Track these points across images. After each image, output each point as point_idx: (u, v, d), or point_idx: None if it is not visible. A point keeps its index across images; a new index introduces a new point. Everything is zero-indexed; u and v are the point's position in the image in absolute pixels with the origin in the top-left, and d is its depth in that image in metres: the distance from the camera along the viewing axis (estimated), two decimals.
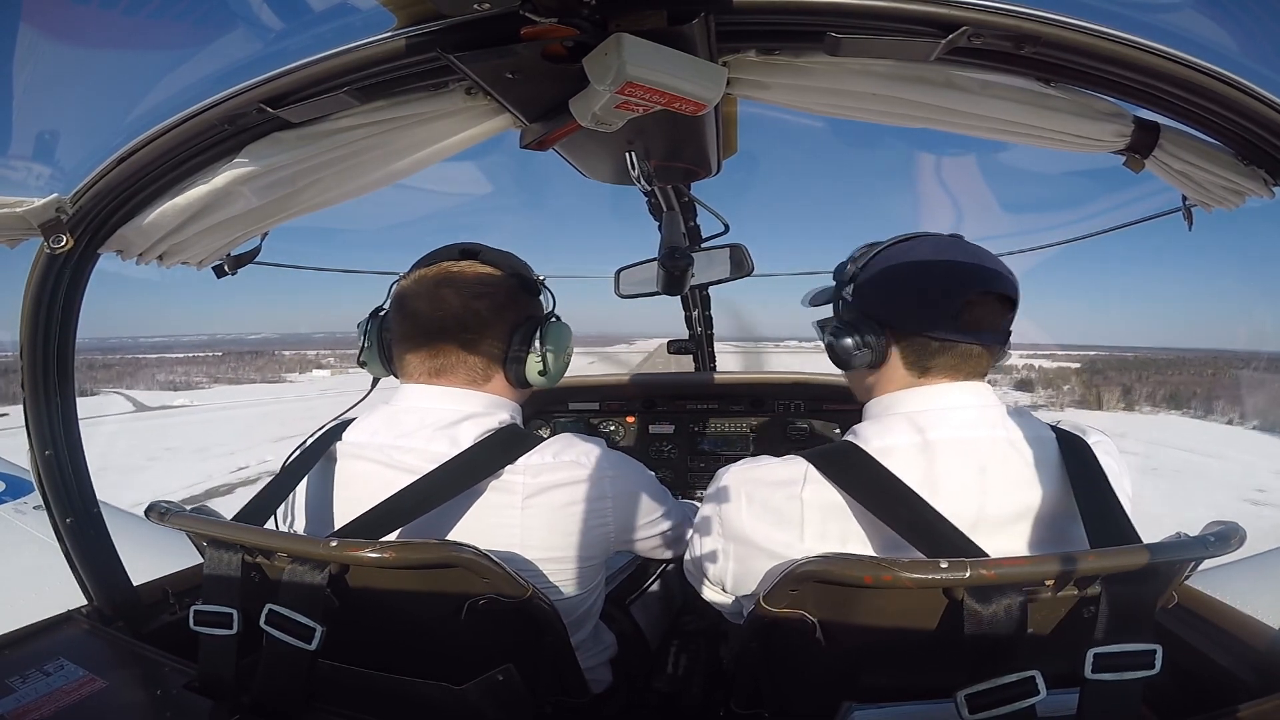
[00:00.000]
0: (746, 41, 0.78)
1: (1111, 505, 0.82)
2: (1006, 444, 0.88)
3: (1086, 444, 0.90)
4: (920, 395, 0.94)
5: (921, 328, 0.93)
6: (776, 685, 0.95)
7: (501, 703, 0.90)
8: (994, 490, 0.86)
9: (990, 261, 0.95)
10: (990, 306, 0.93)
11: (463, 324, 1.03)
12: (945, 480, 0.85)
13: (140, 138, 0.85)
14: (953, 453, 0.87)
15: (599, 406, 2.41)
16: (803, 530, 0.89)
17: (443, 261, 1.05)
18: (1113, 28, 0.68)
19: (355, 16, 0.75)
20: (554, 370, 1.08)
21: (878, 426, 0.94)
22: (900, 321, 0.96)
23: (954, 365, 0.94)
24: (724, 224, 1.95)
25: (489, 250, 1.08)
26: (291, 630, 0.83)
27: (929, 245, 0.98)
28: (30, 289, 0.96)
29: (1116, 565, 0.71)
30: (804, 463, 0.91)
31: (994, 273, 0.93)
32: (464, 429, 0.99)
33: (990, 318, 0.94)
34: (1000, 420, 0.90)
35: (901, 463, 0.86)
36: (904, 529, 0.81)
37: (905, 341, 0.96)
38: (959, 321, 0.91)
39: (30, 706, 0.86)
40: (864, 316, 0.99)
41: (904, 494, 0.84)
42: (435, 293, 1.02)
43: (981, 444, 0.88)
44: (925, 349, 0.94)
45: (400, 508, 0.90)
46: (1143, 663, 0.69)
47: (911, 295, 0.95)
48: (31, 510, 2.30)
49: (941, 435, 0.88)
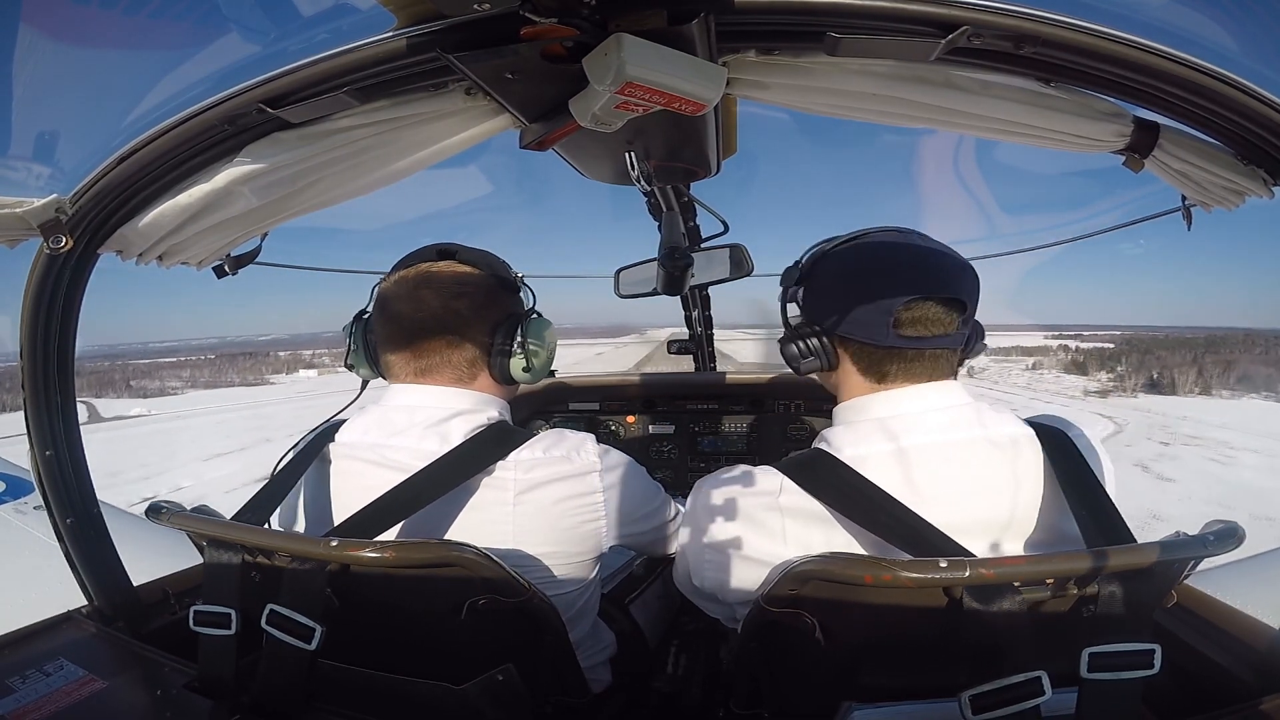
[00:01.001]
0: (746, 41, 0.78)
1: (1102, 500, 0.82)
2: (986, 444, 0.87)
3: (1068, 438, 0.89)
4: (887, 400, 0.92)
5: (862, 335, 0.92)
6: (776, 685, 0.95)
7: (501, 702, 0.90)
8: (979, 492, 0.85)
9: (934, 261, 0.91)
10: (930, 311, 0.89)
11: (443, 324, 1.03)
12: (927, 487, 0.85)
13: (140, 138, 0.86)
14: (931, 458, 0.86)
15: (599, 406, 2.41)
16: (784, 537, 0.88)
17: (420, 263, 1.06)
18: (1113, 28, 0.68)
19: (355, 16, 0.75)
20: (537, 366, 1.09)
21: (850, 434, 0.92)
22: (841, 328, 0.94)
23: (907, 370, 0.92)
24: (724, 224, 1.95)
25: (466, 250, 1.09)
26: (292, 630, 0.83)
27: (867, 248, 0.95)
28: (30, 289, 0.96)
29: (1116, 564, 0.71)
30: (778, 474, 0.91)
31: (934, 276, 0.90)
32: (453, 426, 0.99)
33: (934, 322, 0.90)
34: (976, 419, 0.89)
35: (878, 471, 0.85)
36: (888, 535, 0.80)
37: (852, 348, 0.94)
38: (897, 329, 0.89)
39: (30, 707, 0.86)
40: (808, 321, 0.98)
41: (883, 501, 0.83)
42: (415, 294, 1.03)
43: (960, 446, 0.87)
44: (873, 355, 0.92)
45: (393, 505, 0.91)
46: (1141, 662, 0.69)
47: (848, 303, 0.93)
48: (31, 510, 2.30)
49: (916, 441, 0.87)
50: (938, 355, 0.92)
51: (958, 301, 0.90)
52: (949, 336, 0.91)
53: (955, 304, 0.90)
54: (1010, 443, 0.87)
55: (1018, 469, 0.86)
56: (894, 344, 0.90)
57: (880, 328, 0.89)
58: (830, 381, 1.02)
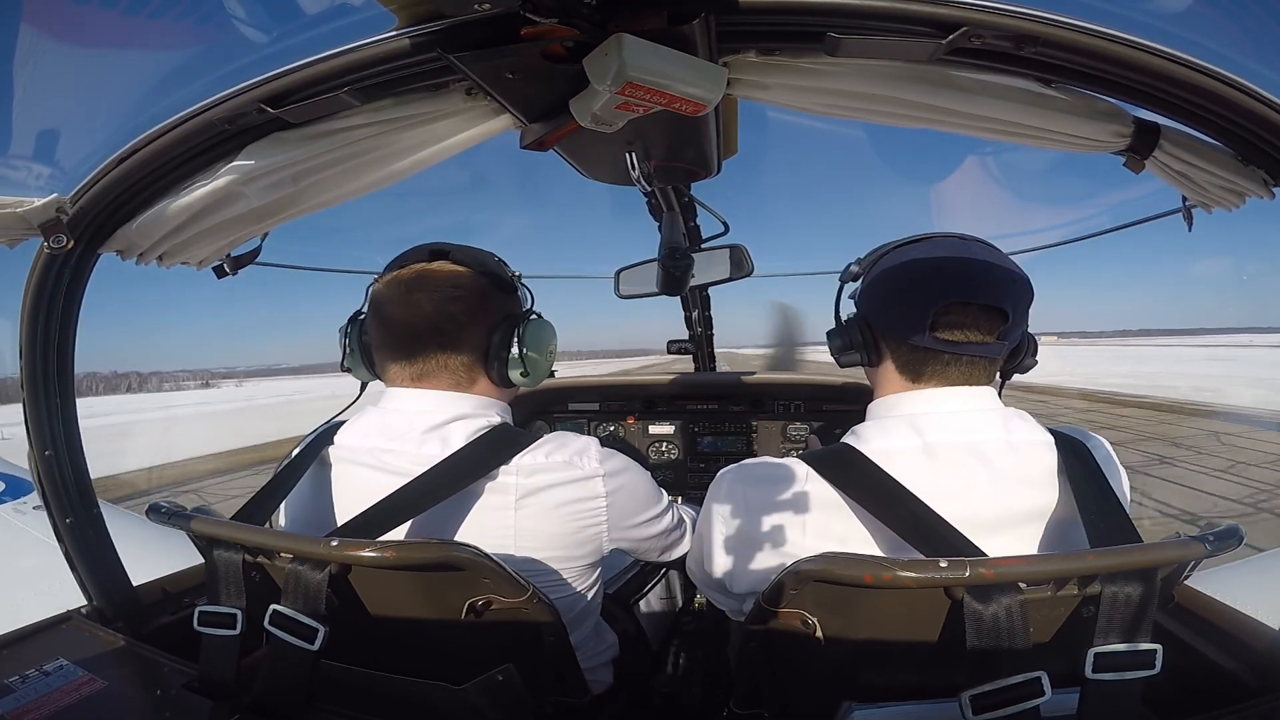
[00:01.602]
0: (746, 42, 0.78)
1: (1113, 506, 0.82)
2: (1007, 447, 0.88)
3: (1085, 447, 0.90)
4: (919, 398, 0.93)
5: (901, 334, 0.93)
6: (776, 685, 0.95)
7: (501, 703, 0.90)
8: (995, 493, 0.86)
9: (980, 269, 0.91)
10: (970, 316, 0.89)
11: (438, 329, 1.01)
12: (947, 483, 0.85)
13: (140, 137, 0.86)
14: (954, 456, 0.87)
15: (599, 407, 2.41)
16: (804, 526, 0.89)
17: (414, 263, 1.03)
18: (1113, 28, 0.68)
19: (355, 16, 0.75)
20: (536, 370, 1.07)
21: (878, 428, 0.94)
22: (885, 326, 0.96)
23: (942, 373, 0.92)
24: (724, 224, 1.95)
25: (460, 249, 1.05)
26: (295, 630, 0.83)
27: (924, 249, 0.96)
28: (30, 289, 0.96)
29: (1116, 564, 0.71)
30: (803, 464, 0.92)
31: (976, 283, 0.89)
32: (454, 430, 0.98)
33: (970, 329, 0.90)
34: (1001, 423, 0.90)
35: (902, 466, 0.86)
36: (903, 529, 0.81)
37: (894, 345, 0.96)
38: (934, 332, 0.89)
39: (30, 706, 0.86)
40: (858, 317, 1.01)
41: (902, 495, 0.84)
42: (408, 298, 1.00)
43: (983, 447, 0.88)
44: (911, 355, 0.93)
45: (394, 509, 0.90)
46: (1143, 663, 0.69)
47: (893, 301, 0.95)
48: (31, 510, 2.30)
49: (941, 439, 0.88)
50: (975, 362, 0.92)
51: (999, 310, 0.89)
52: (987, 345, 0.90)
53: (996, 313, 0.89)
54: (1030, 447, 0.88)
55: (1035, 474, 0.87)
56: (930, 346, 0.90)
57: (918, 329, 0.90)
58: (870, 378, 1.05)
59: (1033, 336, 1.00)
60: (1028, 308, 0.92)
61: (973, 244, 0.95)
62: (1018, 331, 0.94)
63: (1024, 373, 1.05)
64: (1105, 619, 0.71)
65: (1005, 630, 0.70)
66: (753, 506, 0.93)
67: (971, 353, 0.91)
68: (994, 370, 0.96)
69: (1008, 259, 0.94)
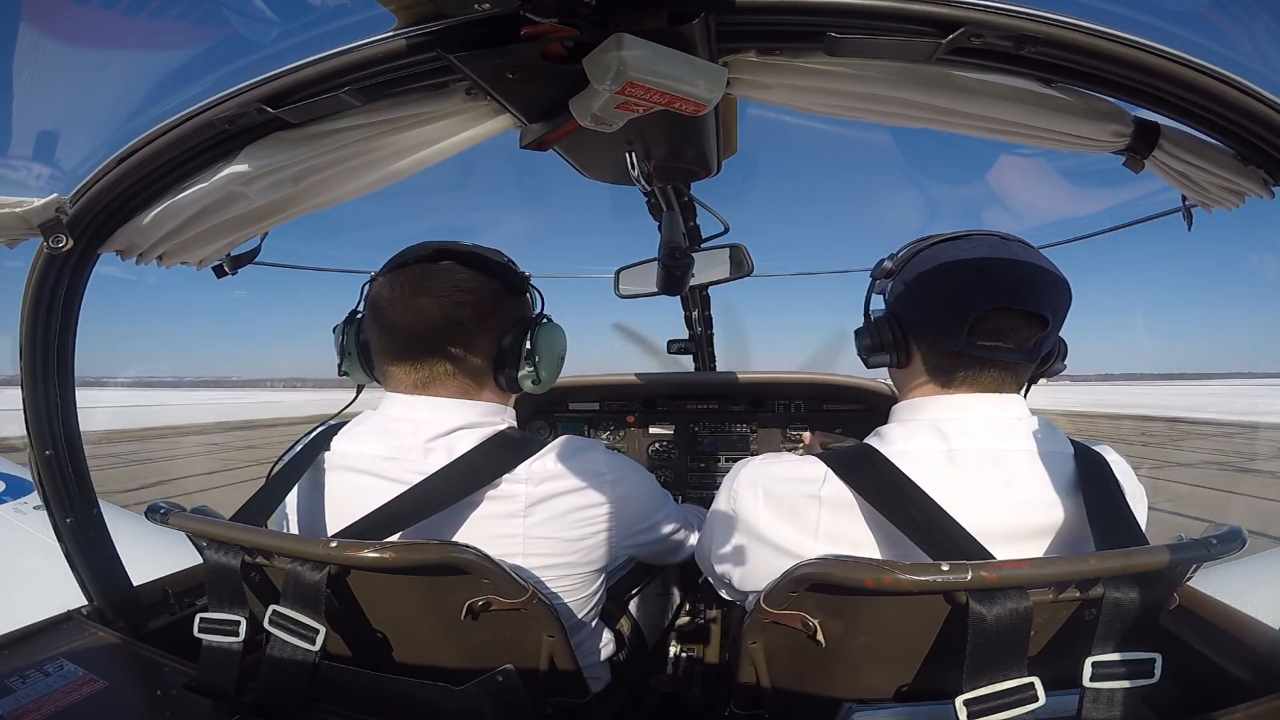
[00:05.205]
0: (746, 42, 0.77)
1: (1124, 516, 0.81)
2: (1029, 457, 0.87)
3: (1104, 460, 0.89)
4: (947, 403, 0.92)
5: (936, 337, 0.91)
6: (776, 686, 0.95)
7: (501, 703, 0.90)
8: (1014, 504, 0.85)
9: (1022, 272, 0.88)
10: (1010, 322, 0.88)
11: (445, 336, 0.97)
12: (967, 490, 0.84)
13: (140, 137, 0.85)
14: (977, 464, 0.86)
15: (599, 407, 2.41)
16: (816, 529, 0.88)
17: (416, 264, 0.98)
18: (1113, 27, 0.67)
19: (355, 16, 0.75)
20: (547, 376, 1.03)
21: (903, 430, 0.92)
22: (918, 328, 0.94)
23: (974, 379, 0.91)
24: (724, 224, 1.95)
25: (466, 249, 1.01)
26: (295, 631, 0.83)
27: (963, 248, 0.93)
28: (30, 289, 0.96)
29: (1117, 568, 0.71)
30: (821, 464, 0.90)
31: (1019, 287, 0.87)
32: (460, 440, 0.96)
33: (1010, 334, 0.88)
34: (1026, 433, 0.89)
35: (924, 469, 0.85)
36: (913, 532, 0.80)
37: (926, 348, 0.94)
38: (972, 336, 0.88)
39: (30, 707, 0.86)
40: (890, 316, 0.97)
41: (916, 497, 0.83)
42: (412, 302, 0.96)
43: (1006, 456, 0.87)
44: (944, 359, 0.92)
45: (396, 515, 0.89)
46: (1141, 671, 0.69)
47: (929, 302, 0.92)
48: (31, 510, 2.30)
49: (966, 445, 0.87)
50: (1008, 367, 0.91)
51: (1039, 316, 0.88)
52: (1024, 351, 0.89)
53: (1036, 319, 0.88)
54: (1050, 459, 0.87)
55: (1053, 485, 0.86)
56: (966, 350, 0.89)
57: (956, 332, 0.88)
58: (896, 379, 1.02)
59: (1063, 340, 0.99)
60: (1066, 312, 0.91)
61: (1014, 244, 0.93)
62: (1054, 338, 0.93)
63: (1051, 377, 1.04)
64: (1106, 624, 0.71)
65: (1007, 634, 0.69)
66: (766, 504, 0.92)
67: (1008, 359, 0.89)
68: (1025, 376, 0.94)
69: (1047, 260, 0.92)
